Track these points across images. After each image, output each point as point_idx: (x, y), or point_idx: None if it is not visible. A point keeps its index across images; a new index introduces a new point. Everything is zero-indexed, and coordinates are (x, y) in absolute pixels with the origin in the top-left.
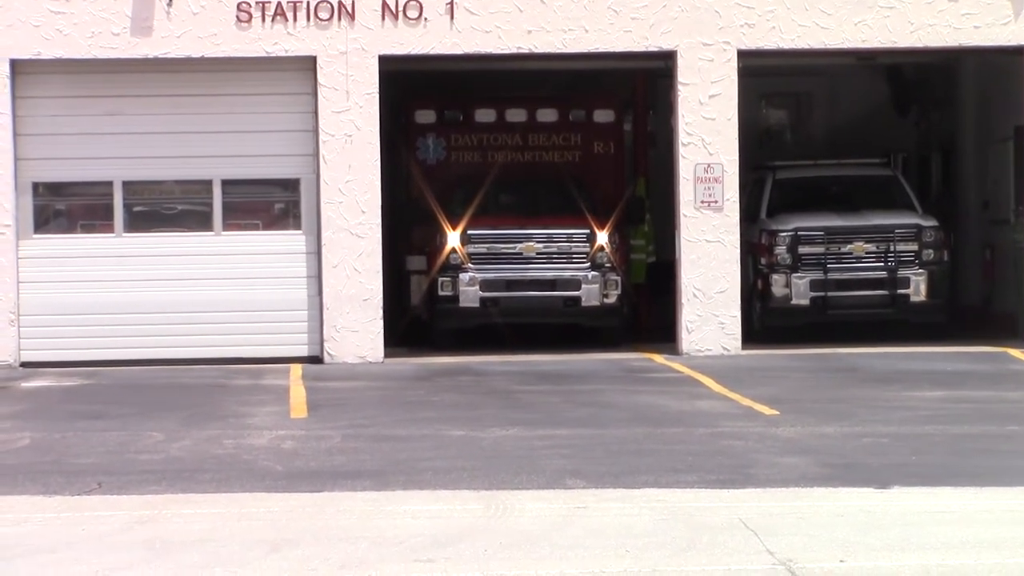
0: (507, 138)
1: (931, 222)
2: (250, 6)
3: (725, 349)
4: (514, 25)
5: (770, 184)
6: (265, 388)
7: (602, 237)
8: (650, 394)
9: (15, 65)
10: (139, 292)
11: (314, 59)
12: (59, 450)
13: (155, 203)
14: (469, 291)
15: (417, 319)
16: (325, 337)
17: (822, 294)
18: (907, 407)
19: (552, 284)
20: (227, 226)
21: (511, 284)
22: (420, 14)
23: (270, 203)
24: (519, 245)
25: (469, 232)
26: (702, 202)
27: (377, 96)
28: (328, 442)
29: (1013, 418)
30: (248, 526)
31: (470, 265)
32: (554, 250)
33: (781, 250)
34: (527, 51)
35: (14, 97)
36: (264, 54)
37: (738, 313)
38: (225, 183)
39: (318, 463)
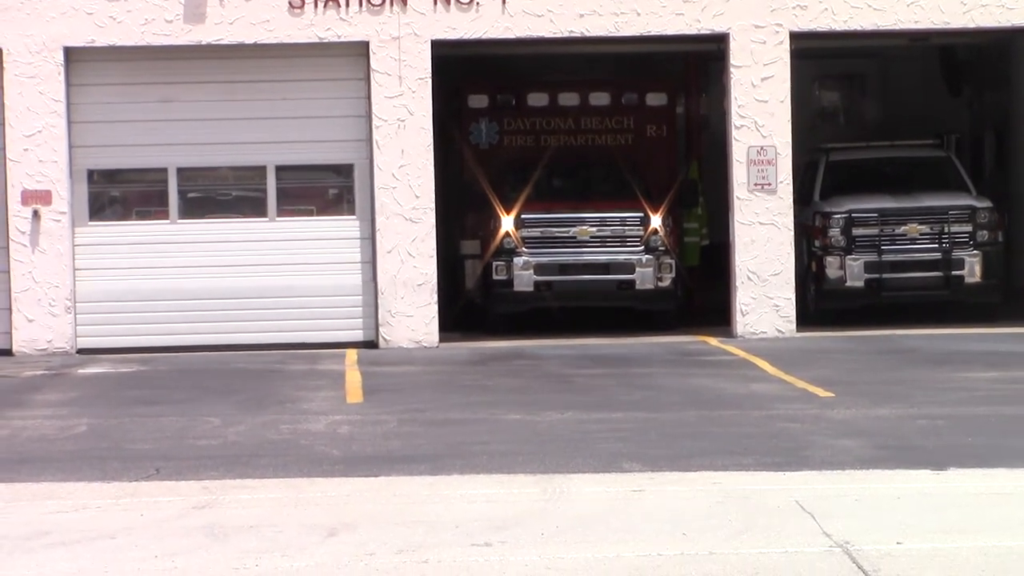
0: (560, 122)
1: (985, 203)
2: None
3: (779, 331)
4: (566, 9)
5: (823, 166)
6: (320, 373)
7: (655, 220)
8: (705, 377)
9: (69, 53)
10: (194, 278)
11: (367, 44)
12: (116, 436)
13: (209, 189)
14: (523, 275)
15: (471, 303)
16: (380, 322)
17: (876, 276)
18: (962, 388)
19: (606, 268)
20: (281, 212)
21: (565, 268)
22: None
23: (324, 189)
24: (573, 229)
25: (523, 216)
26: (755, 185)
27: (430, 81)
28: (384, 427)
29: None
30: (305, 511)
31: (524, 249)
32: (607, 234)
33: (835, 232)
34: (579, 35)
35: (68, 85)
36: (317, 39)
37: (792, 295)
38: (279, 169)
39: (374, 448)
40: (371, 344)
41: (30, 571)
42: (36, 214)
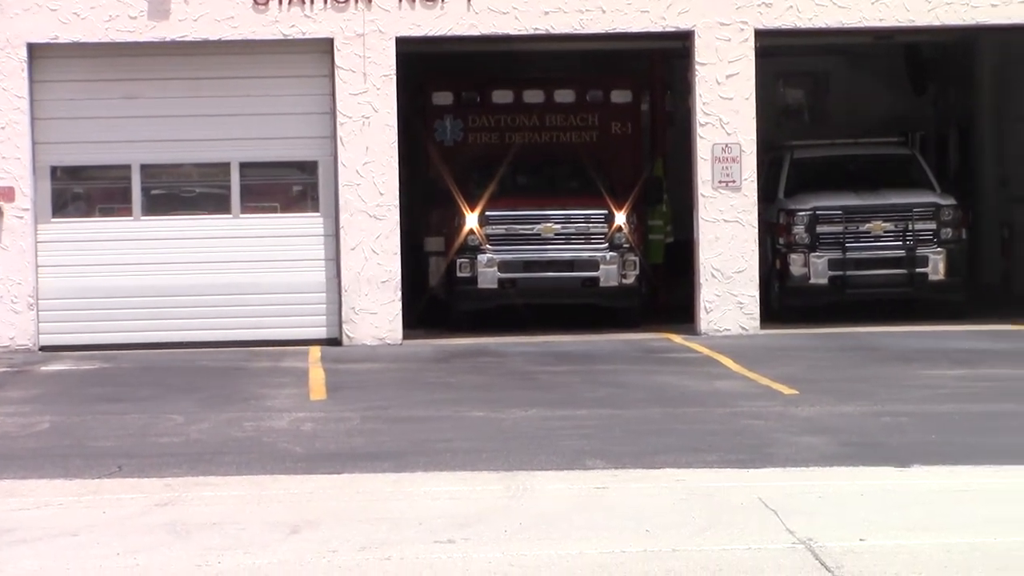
0: (524, 119)
1: (949, 201)
2: None
3: (743, 329)
4: (531, 6)
5: (788, 163)
6: (284, 370)
7: (620, 217)
8: (669, 374)
9: (32, 49)
10: (157, 275)
11: (331, 41)
12: (79, 433)
13: (173, 186)
14: (487, 272)
15: (435, 300)
16: (343, 319)
17: (840, 273)
18: (926, 386)
19: (570, 265)
20: (245, 209)
21: (529, 265)
22: None
23: (288, 185)
24: (537, 226)
25: (487, 213)
26: (720, 182)
27: (394, 78)
28: (347, 424)
29: None
30: (268, 508)
31: (488, 246)
32: (572, 231)
33: (799, 229)
34: (544, 32)
35: (32, 81)
36: (281, 36)
37: (756, 293)
38: (243, 166)
39: (338, 445)
40: (335, 341)
41: None
42: None
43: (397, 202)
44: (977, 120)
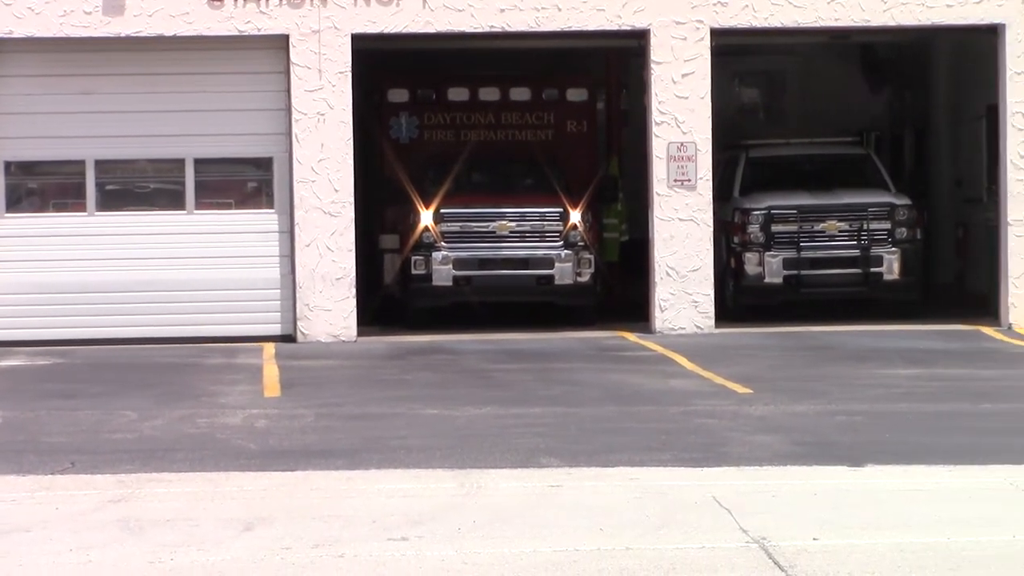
0: (480, 117)
1: (904, 201)
2: None
3: (698, 328)
4: (486, 4)
5: (743, 163)
6: (238, 367)
7: (575, 216)
8: (623, 372)
9: None
10: (112, 271)
11: (287, 38)
12: (32, 429)
13: (128, 182)
14: (442, 270)
15: (390, 298)
16: (298, 316)
17: (795, 272)
18: (880, 385)
19: (525, 263)
20: (200, 205)
21: (484, 263)
22: None
23: (243, 182)
24: (492, 224)
25: (442, 211)
26: (675, 181)
27: (350, 75)
28: (301, 421)
29: (986, 396)
30: (222, 505)
31: (443, 244)
32: (527, 228)
33: (754, 228)
34: (500, 30)
35: None
36: (236, 33)
37: (711, 292)
38: (198, 162)
39: (291, 442)
40: (289, 338)
41: None
42: None
43: (352, 199)
44: (932, 120)
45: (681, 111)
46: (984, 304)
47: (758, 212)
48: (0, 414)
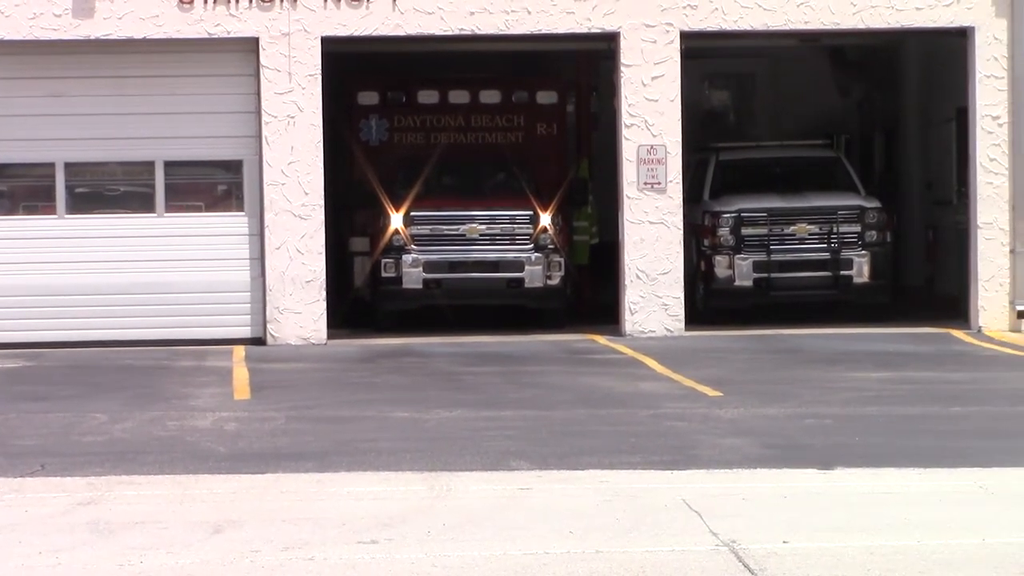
0: (450, 120)
1: (874, 203)
2: None
3: (668, 331)
4: (456, 6)
5: (713, 165)
6: (208, 370)
7: (545, 218)
8: (593, 375)
9: None
10: (81, 274)
11: (256, 40)
12: (1, 432)
13: (97, 185)
14: (412, 272)
15: (360, 301)
16: (268, 319)
17: (765, 275)
18: (850, 388)
19: (495, 265)
20: (169, 208)
21: (454, 265)
22: None
23: (213, 185)
24: (462, 226)
25: (412, 213)
26: (645, 183)
27: (320, 78)
28: (271, 424)
29: (956, 399)
30: (191, 508)
31: (413, 247)
32: (497, 231)
33: (724, 231)
34: (469, 32)
35: None
36: (206, 35)
37: (681, 294)
38: (168, 165)
39: (261, 445)
40: (259, 341)
41: None
42: None
43: (322, 202)
44: (902, 123)
45: (651, 114)
46: (954, 307)
47: (728, 215)
48: None
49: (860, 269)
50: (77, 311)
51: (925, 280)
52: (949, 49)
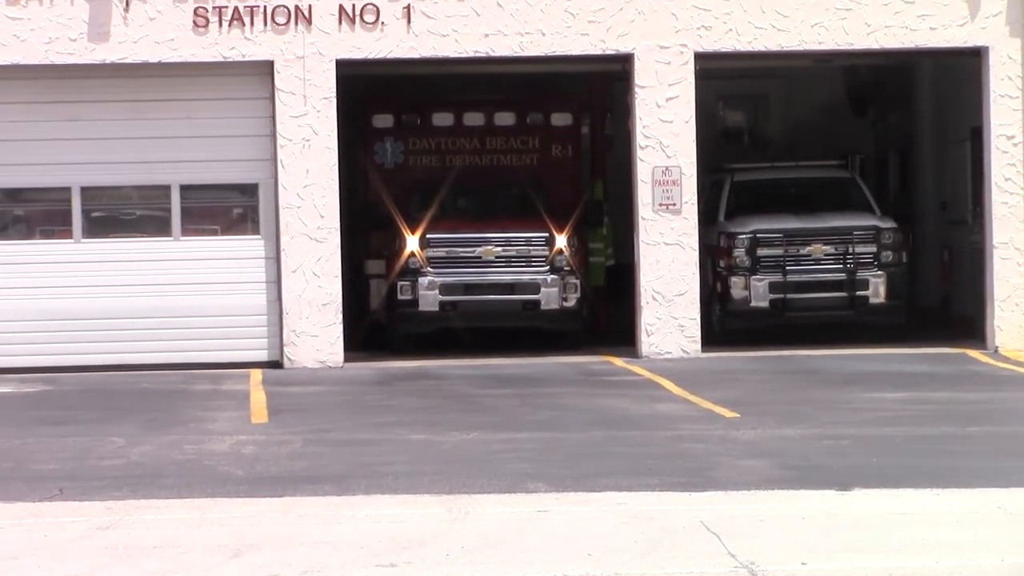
0: (465, 142)
1: (889, 224)
2: (207, 11)
3: (684, 352)
4: (471, 29)
5: (728, 186)
6: (225, 393)
7: (561, 240)
8: (610, 397)
9: None
10: (98, 298)
11: (271, 64)
12: (20, 456)
13: (114, 208)
14: (428, 295)
15: (376, 323)
16: (284, 342)
17: (781, 296)
18: (867, 409)
19: (511, 287)
20: (186, 231)
21: (470, 288)
22: (377, 18)
23: (228, 208)
24: (478, 249)
25: (428, 236)
26: (660, 205)
27: (335, 100)
28: (289, 447)
29: (973, 419)
30: (209, 532)
31: (429, 269)
32: (513, 253)
33: (740, 252)
34: (484, 55)
35: None
36: (221, 59)
37: (697, 316)
38: (183, 188)
39: (279, 468)
40: (276, 364)
41: None
42: None
43: (338, 225)
44: (916, 143)
45: (666, 135)
46: (970, 327)
47: (744, 236)
48: None
49: (876, 289)
50: (94, 335)
51: (941, 300)
52: (963, 69)
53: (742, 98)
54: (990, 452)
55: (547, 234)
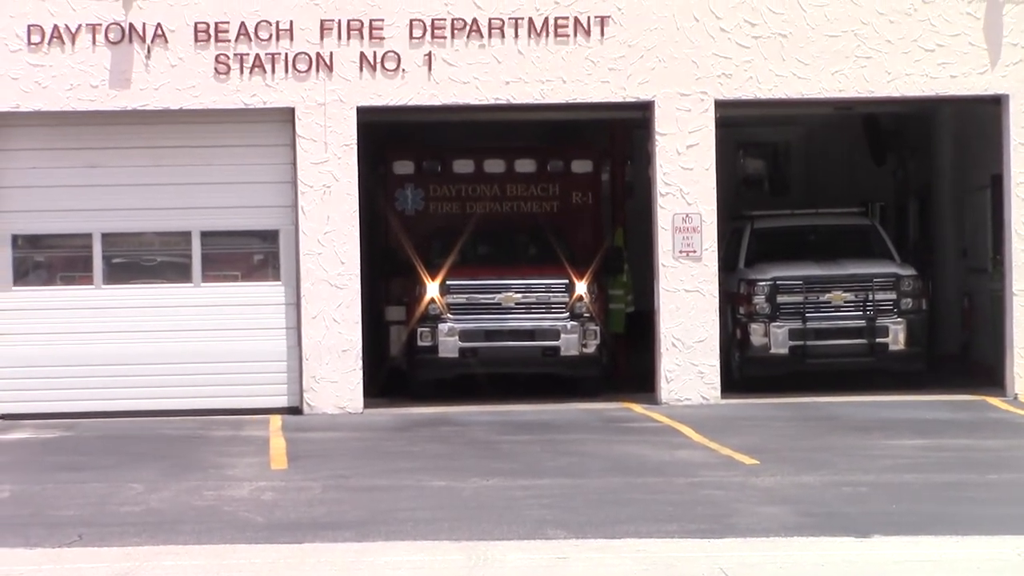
0: (485, 188)
1: (909, 271)
2: (228, 58)
3: (704, 398)
4: (492, 76)
5: (748, 233)
6: (245, 439)
7: (581, 287)
8: (630, 444)
9: None
10: (118, 344)
11: (292, 110)
12: (39, 502)
13: (134, 255)
14: (448, 341)
15: (396, 369)
16: (304, 388)
17: (801, 343)
18: (887, 456)
19: (531, 334)
20: (206, 277)
21: (490, 334)
22: (398, 66)
23: (249, 254)
24: (498, 295)
25: (448, 282)
26: (680, 252)
27: (355, 147)
28: (309, 493)
29: (993, 466)
30: None
31: (449, 315)
32: (533, 300)
33: (760, 299)
34: (505, 102)
35: None
36: (243, 106)
37: (717, 362)
38: (204, 234)
39: (299, 514)
40: (295, 410)
41: None
42: None
43: (358, 271)
44: (936, 190)
45: (686, 182)
46: (990, 374)
47: (764, 283)
48: (7, 487)
49: (896, 336)
50: (114, 381)
51: (961, 347)
52: (984, 116)
53: (762, 145)
54: (1010, 499)
55: (567, 281)
